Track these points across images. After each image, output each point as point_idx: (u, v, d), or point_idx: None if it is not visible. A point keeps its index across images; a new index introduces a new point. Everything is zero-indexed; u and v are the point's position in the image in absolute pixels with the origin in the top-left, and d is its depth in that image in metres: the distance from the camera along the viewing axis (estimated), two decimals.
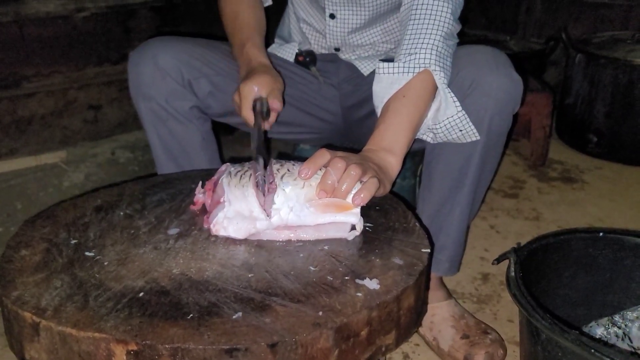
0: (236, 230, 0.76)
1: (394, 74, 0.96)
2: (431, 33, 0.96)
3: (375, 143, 0.91)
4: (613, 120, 2.03)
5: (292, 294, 0.66)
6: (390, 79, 0.96)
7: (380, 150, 0.89)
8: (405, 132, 0.92)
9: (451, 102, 0.96)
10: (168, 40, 1.10)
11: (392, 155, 0.89)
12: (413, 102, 0.94)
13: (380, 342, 0.66)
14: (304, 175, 0.76)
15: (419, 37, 0.97)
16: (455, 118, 0.97)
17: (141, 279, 0.68)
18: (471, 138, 1.00)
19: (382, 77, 0.96)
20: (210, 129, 1.17)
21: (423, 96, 0.95)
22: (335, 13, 1.17)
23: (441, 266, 1.13)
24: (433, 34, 0.96)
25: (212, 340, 0.58)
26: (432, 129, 1.01)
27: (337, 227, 0.77)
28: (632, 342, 1.02)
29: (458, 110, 0.96)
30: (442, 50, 0.96)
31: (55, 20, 1.80)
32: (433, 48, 0.95)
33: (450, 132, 0.99)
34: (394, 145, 0.90)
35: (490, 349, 1.09)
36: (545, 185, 1.90)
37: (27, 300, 0.64)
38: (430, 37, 0.96)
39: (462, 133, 0.99)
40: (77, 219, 0.82)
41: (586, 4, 2.45)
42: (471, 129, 0.98)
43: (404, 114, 0.93)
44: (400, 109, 0.94)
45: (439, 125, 0.99)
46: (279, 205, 0.75)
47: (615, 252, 1.06)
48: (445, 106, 0.96)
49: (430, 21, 0.97)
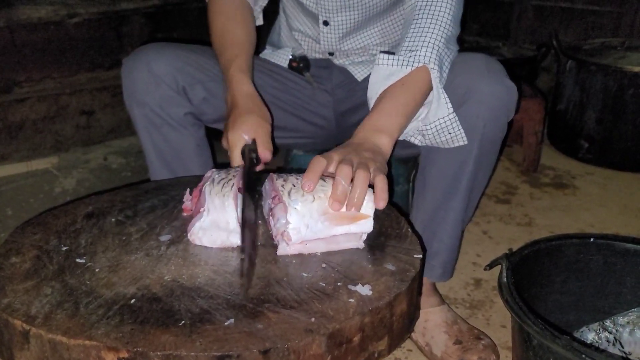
0: (211, 241, 0.76)
1: (392, 65, 0.96)
2: (433, 33, 0.98)
3: (368, 124, 0.91)
4: (604, 127, 2.04)
5: (284, 300, 0.65)
6: (388, 71, 0.96)
7: (372, 132, 0.89)
8: (400, 116, 0.93)
9: (444, 102, 0.96)
10: (162, 47, 1.10)
11: (384, 136, 0.89)
12: (410, 91, 0.95)
13: (372, 348, 0.66)
14: (307, 188, 0.75)
15: (421, 35, 0.98)
16: (446, 120, 0.97)
17: (132, 285, 0.68)
18: (459, 142, 1.00)
19: (381, 68, 0.97)
20: (204, 136, 1.16)
21: (420, 88, 0.96)
22: (328, 20, 1.18)
23: (434, 272, 1.13)
24: (435, 34, 0.98)
25: (204, 347, 0.57)
26: (421, 131, 1.01)
27: (349, 237, 0.76)
28: (623, 347, 1.02)
29: (450, 112, 0.97)
30: (442, 52, 0.97)
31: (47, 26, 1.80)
32: (434, 47, 0.96)
33: (440, 134, 0.99)
34: (387, 126, 0.91)
35: (483, 355, 1.10)
36: (537, 191, 1.91)
37: (17, 307, 0.63)
38: (432, 37, 0.97)
39: (451, 136, 0.99)
40: (68, 226, 0.82)
41: (577, 11, 2.48)
42: (460, 132, 0.99)
43: (400, 99, 0.94)
44: (396, 95, 0.94)
45: (429, 127, 0.99)
46: (295, 224, 0.73)
47: (606, 257, 1.07)
48: (437, 106, 0.97)
49: (433, 22, 0.99)
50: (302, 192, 0.74)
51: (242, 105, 0.97)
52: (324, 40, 1.21)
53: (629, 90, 1.96)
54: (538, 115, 1.97)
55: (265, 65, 1.23)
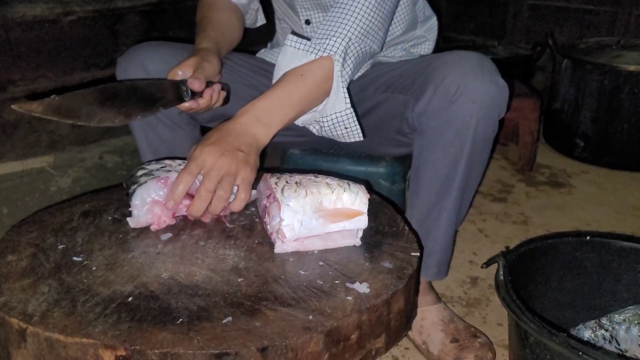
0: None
1: (298, 49, 0.96)
2: (348, 24, 0.97)
3: (254, 109, 0.90)
4: (599, 125, 2.05)
5: (282, 298, 0.65)
6: (294, 54, 0.96)
7: (254, 120, 0.89)
8: (288, 109, 0.92)
9: (342, 96, 0.96)
10: (156, 46, 1.10)
11: (264, 128, 0.89)
12: (307, 83, 0.94)
13: (370, 345, 0.67)
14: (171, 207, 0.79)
15: (335, 23, 0.97)
16: (343, 114, 0.98)
17: (130, 283, 0.67)
18: (355, 138, 1.02)
19: (287, 49, 0.97)
20: (199, 134, 1.16)
21: (319, 82, 0.95)
22: (310, 19, 1.18)
23: (430, 270, 1.13)
24: (350, 25, 0.97)
25: (202, 345, 0.57)
26: (318, 121, 1.02)
27: (345, 235, 0.77)
28: (619, 345, 1.02)
29: (347, 107, 0.97)
30: (353, 47, 0.97)
31: (42, 24, 1.79)
32: (345, 39, 0.96)
33: (336, 127, 1.00)
34: (270, 118, 0.90)
35: (479, 353, 1.10)
36: (533, 190, 1.91)
37: (14, 306, 0.63)
38: (345, 27, 0.96)
39: (347, 131, 1.00)
40: (64, 224, 0.82)
41: (572, 10, 2.48)
42: (357, 128, 1.00)
43: (293, 91, 0.93)
44: (292, 85, 0.93)
45: (325, 119, 0.99)
46: (288, 221, 0.73)
47: (601, 255, 1.07)
48: (335, 100, 0.96)
49: (351, 11, 0.97)
50: (295, 187, 0.75)
51: (191, 54, 0.99)
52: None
53: (624, 89, 1.97)
54: (534, 114, 1.97)
55: (260, 65, 1.23)
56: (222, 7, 1.17)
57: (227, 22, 1.15)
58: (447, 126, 0.99)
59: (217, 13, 1.14)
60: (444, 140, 1.00)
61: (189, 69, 0.94)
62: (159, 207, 0.79)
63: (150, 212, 0.79)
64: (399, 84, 1.09)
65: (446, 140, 1.00)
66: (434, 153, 1.03)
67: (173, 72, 0.94)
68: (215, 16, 1.13)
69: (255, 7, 1.24)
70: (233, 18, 1.17)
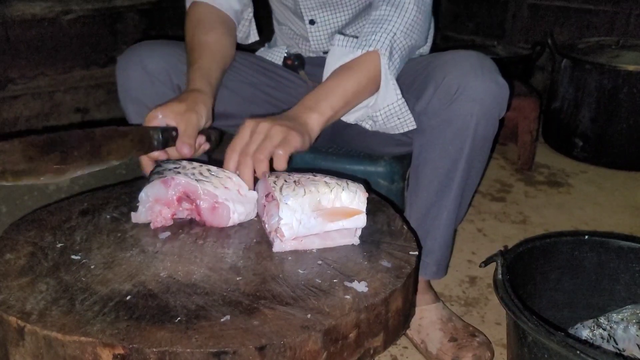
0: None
1: (345, 47, 0.99)
2: (392, 21, 1.00)
3: (304, 102, 0.92)
4: (598, 125, 2.05)
5: (280, 296, 0.65)
6: (341, 52, 0.99)
7: (305, 109, 0.91)
8: (336, 97, 0.94)
9: (392, 88, 0.98)
10: (156, 44, 1.10)
11: (315, 114, 0.90)
12: (354, 74, 0.96)
13: (368, 344, 0.67)
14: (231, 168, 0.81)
15: (380, 22, 1.00)
16: (395, 105, 0.99)
17: (128, 282, 0.67)
18: (408, 127, 1.03)
19: (336, 49, 1.00)
20: None
21: (367, 74, 0.97)
22: (314, 18, 1.18)
23: (428, 270, 1.13)
24: (394, 22, 1.00)
25: (200, 344, 0.57)
26: (371, 117, 1.03)
27: (343, 233, 0.77)
28: (617, 344, 1.02)
29: (398, 97, 0.99)
30: (398, 39, 0.99)
31: (42, 23, 1.79)
32: (389, 34, 0.98)
33: (389, 120, 1.02)
34: (320, 105, 0.92)
35: (477, 352, 1.10)
36: (532, 189, 1.91)
37: (12, 304, 0.63)
38: (390, 24, 0.99)
39: (400, 122, 1.02)
40: (63, 223, 0.82)
41: (572, 10, 2.48)
42: (409, 117, 1.01)
43: (341, 81, 0.95)
44: (340, 77, 0.96)
45: (379, 113, 1.01)
46: (287, 220, 0.73)
47: (600, 255, 1.07)
48: (386, 92, 0.98)
49: (394, 10, 1.01)
50: (294, 186, 0.75)
51: (180, 96, 0.94)
52: (313, 39, 1.21)
53: (623, 89, 1.97)
54: (533, 114, 1.97)
55: (259, 63, 1.23)
56: (211, 24, 1.09)
57: (220, 45, 1.07)
58: (447, 125, 0.99)
59: (207, 34, 1.06)
60: (444, 139, 1.00)
61: (172, 116, 0.86)
62: (159, 206, 0.79)
63: (150, 210, 0.79)
64: (399, 83, 1.09)
65: (446, 139, 1.00)
66: (434, 152, 1.03)
67: (153, 114, 0.86)
68: (206, 39, 1.05)
69: (249, 17, 1.20)
70: (225, 38, 1.10)
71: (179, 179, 0.79)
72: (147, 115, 0.87)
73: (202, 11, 1.11)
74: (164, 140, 0.84)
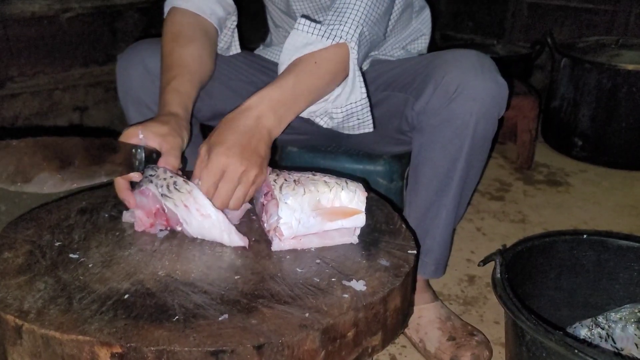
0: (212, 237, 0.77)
1: (312, 34, 0.90)
2: (359, 10, 0.93)
3: (267, 101, 0.83)
4: (597, 124, 2.05)
5: (278, 295, 0.65)
6: (306, 39, 0.90)
7: (266, 114, 0.83)
8: (302, 101, 0.87)
9: (358, 86, 0.93)
10: (156, 43, 1.09)
11: (277, 121, 0.84)
12: (321, 71, 0.89)
13: (366, 343, 0.67)
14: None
15: (346, 9, 0.93)
16: (358, 105, 0.95)
17: (126, 281, 0.67)
18: (366, 129, 0.99)
19: (299, 34, 0.91)
20: (199, 132, 1.16)
21: (333, 69, 0.90)
22: None
23: (427, 269, 1.13)
24: (361, 11, 0.93)
25: (198, 342, 0.57)
26: (329, 113, 0.97)
27: (343, 233, 0.77)
28: (615, 343, 1.02)
29: (363, 96, 0.94)
30: (365, 32, 0.94)
31: (41, 21, 1.79)
32: (358, 26, 0.92)
33: (349, 119, 0.97)
34: (285, 111, 0.85)
35: (476, 351, 1.10)
36: (531, 188, 1.91)
37: (10, 302, 0.63)
38: (357, 14, 0.93)
39: (359, 122, 0.98)
40: (61, 221, 0.81)
41: (571, 9, 2.48)
42: (369, 119, 0.97)
43: (307, 81, 0.88)
44: (306, 74, 0.88)
45: (339, 110, 0.95)
46: (286, 219, 0.73)
47: (598, 254, 1.07)
48: (352, 90, 0.93)
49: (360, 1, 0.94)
50: (293, 185, 0.75)
51: (159, 118, 0.87)
52: None
53: (622, 88, 1.97)
54: (532, 113, 1.97)
55: (259, 62, 1.22)
56: (191, 36, 1.02)
57: (198, 63, 1.00)
58: (447, 124, 0.99)
59: (186, 47, 0.99)
60: (443, 138, 1.00)
61: (152, 137, 0.82)
62: (139, 212, 0.79)
63: (132, 214, 0.80)
64: (399, 83, 1.09)
65: (446, 138, 1.00)
66: (433, 151, 1.03)
67: (133, 132, 0.81)
68: (184, 55, 0.98)
69: (232, 27, 1.14)
70: (204, 52, 1.03)
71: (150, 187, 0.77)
72: (125, 131, 0.81)
73: (181, 20, 1.04)
74: (145, 162, 0.80)
